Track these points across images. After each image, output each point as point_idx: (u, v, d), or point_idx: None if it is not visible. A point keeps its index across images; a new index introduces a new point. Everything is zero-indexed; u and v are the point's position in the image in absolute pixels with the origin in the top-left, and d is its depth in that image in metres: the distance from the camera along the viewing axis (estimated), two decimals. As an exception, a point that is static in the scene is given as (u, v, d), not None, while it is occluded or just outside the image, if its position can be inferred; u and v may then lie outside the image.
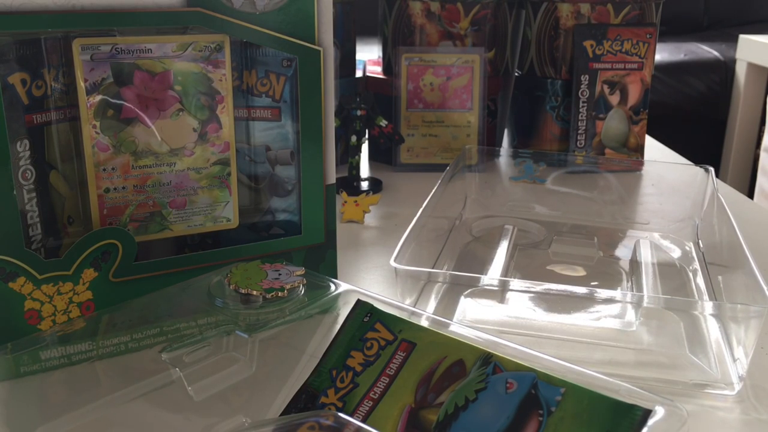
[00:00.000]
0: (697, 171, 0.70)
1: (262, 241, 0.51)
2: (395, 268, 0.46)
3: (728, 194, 0.81)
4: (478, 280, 0.49)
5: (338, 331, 0.39)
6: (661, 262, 0.61)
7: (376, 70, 0.94)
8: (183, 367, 0.40)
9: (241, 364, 0.42)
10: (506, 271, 0.59)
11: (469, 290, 0.54)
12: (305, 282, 0.45)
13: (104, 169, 0.46)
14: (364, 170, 0.88)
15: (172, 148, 0.48)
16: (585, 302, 0.52)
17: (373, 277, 0.60)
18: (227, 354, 0.43)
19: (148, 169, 0.47)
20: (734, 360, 0.45)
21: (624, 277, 0.60)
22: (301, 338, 0.45)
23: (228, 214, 0.51)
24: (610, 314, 0.51)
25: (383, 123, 0.80)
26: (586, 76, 0.84)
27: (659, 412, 0.31)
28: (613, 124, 0.86)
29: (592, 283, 0.58)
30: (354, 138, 0.79)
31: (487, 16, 0.86)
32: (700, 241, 0.64)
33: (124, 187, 0.47)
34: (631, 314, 0.51)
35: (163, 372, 0.41)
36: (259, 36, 0.46)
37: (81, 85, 0.44)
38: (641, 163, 0.86)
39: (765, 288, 0.43)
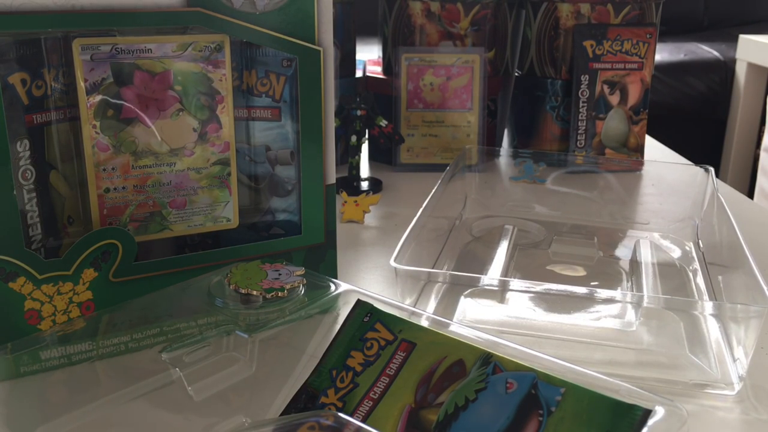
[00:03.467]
0: (697, 171, 0.70)
1: (262, 241, 0.51)
2: (395, 268, 0.46)
3: (728, 194, 0.81)
4: (478, 280, 0.49)
5: (338, 331, 0.39)
6: (661, 262, 0.61)
7: (376, 70, 0.94)
8: (183, 367, 0.40)
9: (241, 364, 0.42)
10: (506, 271, 0.59)
11: (469, 290, 0.54)
12: (305, 282, 0.45)
13: (104, 169, 0.46)
14: (364, 170, 0.88)
15: (172, 148, 0.48)
16: (585, 302, 0.52)
17: (373, 277, 0.60)
18: (227, 354, 0.43)
19: (148, 169, 0.47)
20: (734, 360, 0.45)
21: (624, 277, 0.60)
22: (301, 338, 0.45)
23: (228, 214, 0.51)
24: (610, 314, 0.51)
25: (383, 123, 0.80)
26: (586, 76, 0.84)
27: (659, 412, 0.31)
28: (613, 124, 0.86)
29: (592, 283, 0.58)
30: (354, 138, 0.79)
31: (487, 16, 0.86)
32: (700, 241, 0.64)
33: (124, 187, 0.47)
34: (631, 314, 0.51)
35: (163, 372, 0.41)
36: (259, 36, 0.46)
37: (81, 85, 0.44)
38: (641, 163, 0.86)
39: (765, 288, 0.43)
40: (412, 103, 0.86)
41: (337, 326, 0.40)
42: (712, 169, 0.68)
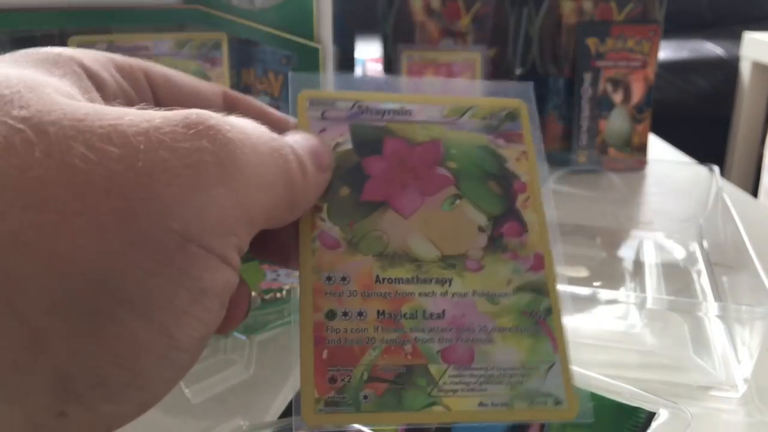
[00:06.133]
0: (701, 170, 0.69)
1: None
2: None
3: (733, 193, 0.81)
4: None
5: (337, 333, 0.39)
6: (664, 263, 0.60)
7: (376, 68, 0.93)
8: (180, 369, 0.40)
9: (239, 366, 0.42)
10: (508, 272, 0.58)
11: (470, 291, 0.54)
12: (304, 283, 0.44)
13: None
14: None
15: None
16: (588, 303, 0.51)
17: (374, 278, 0.59)
18: (225, 356, 0.42)
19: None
20: (739, 362, 0.45)
21: (627, 277, 0.59)
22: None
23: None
24: (614, 315, 0.51)
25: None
26: (589, 74, 0.84)
27: (663, 414, 0.31)
28: (616, 122, 0.86)
29: (595, 284, 0.58)
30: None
31: (488, 13, 0.86)
32: (704, 241, 0.64)
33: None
34: (634, 315, 0.50)
35: (159, 374, 0.40)
36: (256, 33, 0.46)
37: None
38: (644, 162, 0.85)
39: (770, 289, 0.42)
40: (413, 102, 0.86)
41: (336, 328, 0.39)
42: (716, 167, 0.68)
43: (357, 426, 0.33)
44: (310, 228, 0.25)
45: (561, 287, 0.27)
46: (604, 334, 0.49)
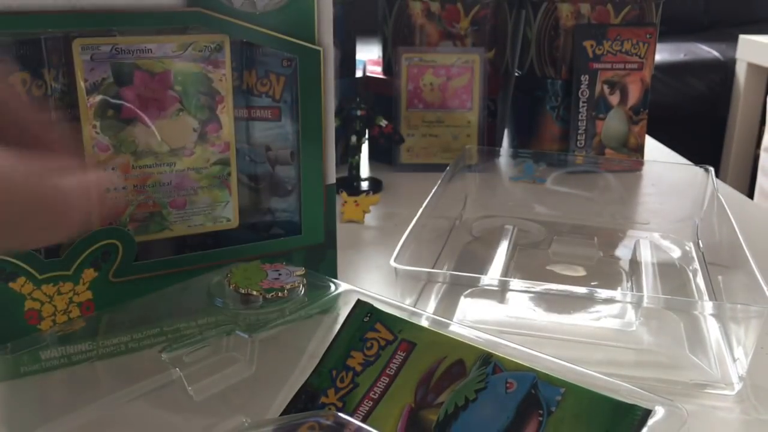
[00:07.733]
0: (697, 171, 0.70)
1: (262, 241, 0.51)
2: (395, 268, 0.46)
3: (728, 194, 0.81)
4: (478, 280, 0.49)
5: (338, 331, 0.39)
6: (661, 262, 0.61)
7: (376, 70, 0.94)
8: (183, 367, 0.40)
9: (241, 365, 0.42)
10: (506, 271, 0.59)
11: (469, 290, 0.54)
12: (305, 282, 0.45)
13: (104, 170, 0.46)
14: (364, 170, 0.88)
15: (171, 148, 0.48)
16: (585, 302, 0.52)
17: (373, 277, 0.60)
18: (227, 354, 0.43)
19: (148, 169, 0.47)
20: (734, 360, 0.45)
21: (624, 277, 0.60)
22: (301, 338, 0.45)
23: (228, 214, 0.51)
24: (610, 314, 0.51)
25: (383, 123, 0.80)
26: (586, 76, 0.84)
27: (659, 412, 0.31)
28: (613, 124, 0.86)
29: (592, 283, 0.58)
30: (354, 138, 0.79)
31: (487, 16, 0.86)
32: (700, 241, 0.64)
33: (124, 187, 0.47)
34: (631, 314, 0.51)
35: (162, 372, 0.41)
36: (258, 36, 0.46)
37: (81, 85, 0.44)
38: (641, 163, 0.86)
39: (765, 288, 0.43)
40: (412, 103, 0.86)
41: (337, 326, 0.40)
42: (712, 169, 0.68)
43: (357, 423, 0.33)
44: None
45: (556, 286, 0.28)
46: (601, 333, 0.50)
